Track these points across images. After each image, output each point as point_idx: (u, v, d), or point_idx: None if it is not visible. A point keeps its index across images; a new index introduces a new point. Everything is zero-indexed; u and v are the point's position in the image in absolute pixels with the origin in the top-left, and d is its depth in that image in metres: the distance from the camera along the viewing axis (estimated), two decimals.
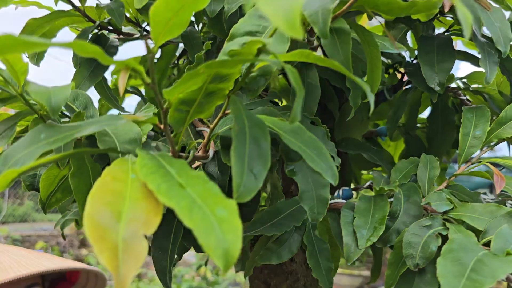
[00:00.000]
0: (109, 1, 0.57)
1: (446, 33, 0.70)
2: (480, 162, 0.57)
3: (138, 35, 0.65)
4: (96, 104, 0.50)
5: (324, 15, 0.36)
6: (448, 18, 0.70)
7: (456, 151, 0.64)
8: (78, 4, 0.58)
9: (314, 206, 0.44)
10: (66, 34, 0.67)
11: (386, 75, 0.82)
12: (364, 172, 0.98)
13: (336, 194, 0.71)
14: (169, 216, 0.44)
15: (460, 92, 0.75)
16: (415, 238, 0.46)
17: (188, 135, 0.50)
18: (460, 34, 0.68)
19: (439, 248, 0.43)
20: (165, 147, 0.46)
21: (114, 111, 0.77)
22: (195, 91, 0.36)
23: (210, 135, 0.42)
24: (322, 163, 0.38)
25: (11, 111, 0.50)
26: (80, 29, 0.61)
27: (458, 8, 0.29)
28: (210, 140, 0.43)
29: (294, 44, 0.45)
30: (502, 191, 0.52)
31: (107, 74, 0.63)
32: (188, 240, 0.54)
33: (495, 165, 0.56)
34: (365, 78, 0.53)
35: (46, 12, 0.56)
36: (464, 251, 0.38)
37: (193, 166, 0.44)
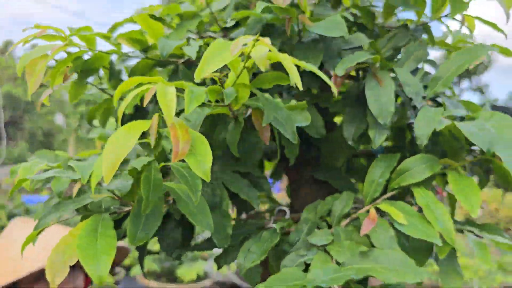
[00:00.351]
0: None
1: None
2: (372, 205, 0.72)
3: None
4: None
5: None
6: None
7: None
8: None
9: (221, 239, 0.70)
10: None
11: None
12: None
13: None
14: None
15: None
16: (289, 263, 0.68)
17: None
18: None
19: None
20: None
21: None
22: None
23: None
24: (204, 221, 0.64)
25: None
26: None
27: None
28: None
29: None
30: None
31: None
32: None
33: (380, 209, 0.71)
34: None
35: None
36: (280, 282, 0.60)
37: None
